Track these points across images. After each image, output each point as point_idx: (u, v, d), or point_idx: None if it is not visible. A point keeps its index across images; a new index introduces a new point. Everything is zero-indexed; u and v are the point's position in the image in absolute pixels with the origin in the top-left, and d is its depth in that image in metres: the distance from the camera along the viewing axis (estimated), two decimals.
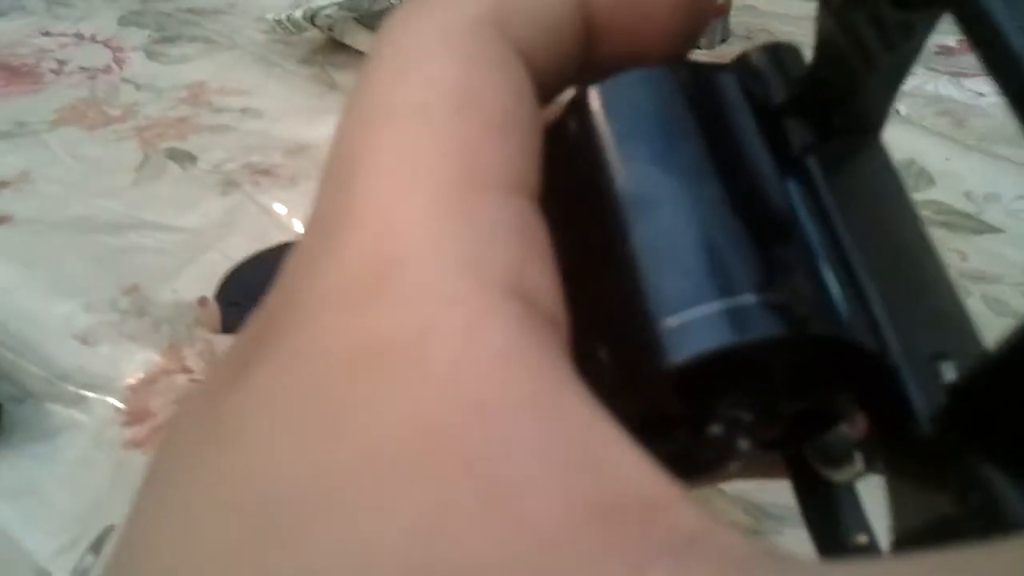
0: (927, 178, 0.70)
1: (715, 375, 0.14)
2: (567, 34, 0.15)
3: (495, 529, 0.10)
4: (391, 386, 0.11)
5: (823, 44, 0.16)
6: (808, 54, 0.17)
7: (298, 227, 0.66)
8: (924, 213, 0.65)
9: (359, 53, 0.91)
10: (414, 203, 0.12)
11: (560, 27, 0.15)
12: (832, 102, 0.16)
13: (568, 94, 0.17)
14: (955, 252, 0.62)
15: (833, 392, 0.16)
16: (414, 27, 0.15)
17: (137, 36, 0.96)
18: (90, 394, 0.51)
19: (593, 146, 0.16)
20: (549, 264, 0.13)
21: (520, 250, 0.12)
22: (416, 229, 0.12)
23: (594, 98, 0.16)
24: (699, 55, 0.18)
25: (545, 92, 0.15)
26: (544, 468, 0.10)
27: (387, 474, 0.10)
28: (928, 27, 0.14)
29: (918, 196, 0.69)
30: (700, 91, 0.16)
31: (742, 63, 0.17)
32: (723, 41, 0.92)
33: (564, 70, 0.16)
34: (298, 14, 0.90)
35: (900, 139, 0.73)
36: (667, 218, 0.15)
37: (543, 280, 0.12)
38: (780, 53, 0.17)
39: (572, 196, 0.16)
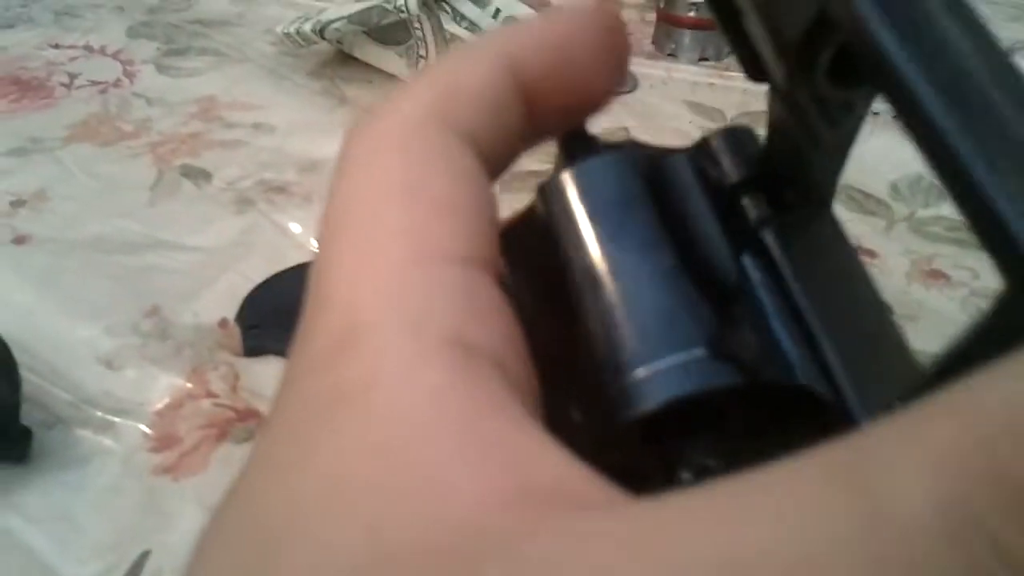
0: (936, 193, 0.70)
1: (678, 424, 0.16)
2: (509, 109, 0.18)
3: (430, 523, 0.12)
4: (346, 424, 0.14)
5: (774, 125, 0.18)
6: None
7: (315, 246, 0.67)
8: (934, 229, 0.67)
9: (368, 66, 0.91)
10: (368, 283, 0.15)
11: (501, 104, 0.18)
12: (785, 178, 0.18)
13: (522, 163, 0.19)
14: (966, 270, 0.62)
15: (793, 438, 0.17)
16: (367, 137, 0.17)
17: (146, 48, 0.97)
18: (117, 419, 0.51)
19: (561, 228, 0.18)
20: (496, 320, 0.15)
21: (462, 308, 0.15)
22: (370, 303, 0.15)
23: (561, 184, 0.18)
24: (707, 67, 0.19)
25: (497, 165, 0.18)
26: (468, 471, 0.13)
27: (344, 493, 0.13)
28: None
29: (927, 212, 0.69)
30: (655, 174, 0.18)
31: (701, 147, 0.19)
32: (730, 53, 0.93)
33: (512, 142, 0.18)
34: (307, 27, 0.90)
35: (908, 154, 0.74)
36: (626, 288, 0.17)
37: (485, 332, 0.15)
38: (736, 135, 0.19)
39: (546, 274, 0.18)
